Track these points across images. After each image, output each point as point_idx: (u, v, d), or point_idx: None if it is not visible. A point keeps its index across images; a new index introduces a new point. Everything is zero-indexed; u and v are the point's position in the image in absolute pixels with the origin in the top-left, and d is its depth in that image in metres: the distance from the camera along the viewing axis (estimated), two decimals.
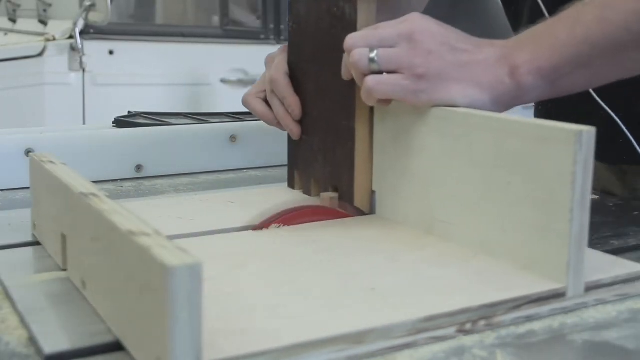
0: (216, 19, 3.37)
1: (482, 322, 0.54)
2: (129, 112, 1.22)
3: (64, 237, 0.62)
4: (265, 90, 0.88)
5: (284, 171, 1.08)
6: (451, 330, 0.52)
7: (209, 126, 1.11)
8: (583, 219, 0.56)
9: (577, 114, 0.95)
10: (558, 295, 0.57)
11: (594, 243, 0.72)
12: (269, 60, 0.88)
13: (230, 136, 1.09)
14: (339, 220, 0.77)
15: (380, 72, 0.67)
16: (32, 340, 0.51)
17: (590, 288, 0.58)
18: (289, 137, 0.87)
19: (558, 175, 0.56)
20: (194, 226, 0.74)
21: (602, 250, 0.69)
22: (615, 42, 0.65)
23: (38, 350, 0.49)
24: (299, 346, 0.47)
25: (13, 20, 3.39)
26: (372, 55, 0.67)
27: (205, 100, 3.21)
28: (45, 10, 3.10)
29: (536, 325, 0.55)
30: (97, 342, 0.50)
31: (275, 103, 0.86)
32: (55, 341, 0.50)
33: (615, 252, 0.70)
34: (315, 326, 0.50)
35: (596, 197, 0.93)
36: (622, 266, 0.62)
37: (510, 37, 0.70)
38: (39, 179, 0.70)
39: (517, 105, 0.68)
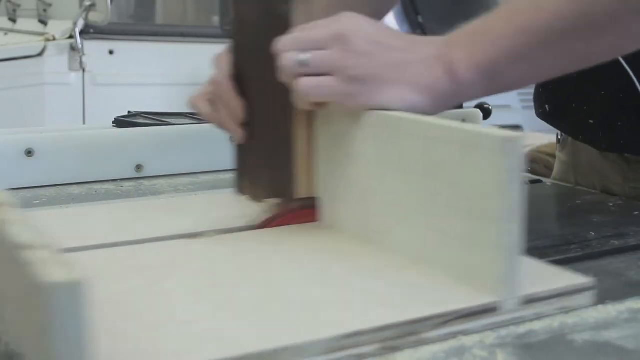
0: (216, 19, 3.37)
1: (408, 339, 0.51)
2: (129, 112, 1.22)
3: None
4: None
5: None
6: (374, 348, 0.50)
7: (209, 126, 1.10)
8: (515, 229, 0.53)
9: (579, 95, 0.95)
10: (491, 309, 0.54)
11: (594, 243, 0.72)
12: (217, 61, 0.86)
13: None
14: (279, 228, 0.74)
15: (312, 75, 0.65)
16: None
17: (527, 301, 0.55)
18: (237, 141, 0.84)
19: (487, 184, 0.53)
20: (126, 234, 0.71)
21: (602, 251, 0.69)
22: (550, 30, 0.63)
23: None
24: None
25: (13, 20, 3.39)
26: (303, 57, 0.64)
27: None
28: (45, 10, 3.10)
29: (536, 325, 0.55)
30: None
31: (219, 106, 0.83)
32: None
33: (615, 252, 0.70)
34: (224, 345, 0.47)
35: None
36: (564, 278, 0.59)
37: None
38: None
39: (457, 103, 0.67)
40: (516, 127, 3.04)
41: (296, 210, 0.75)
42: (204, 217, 0.76)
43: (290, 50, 0.66)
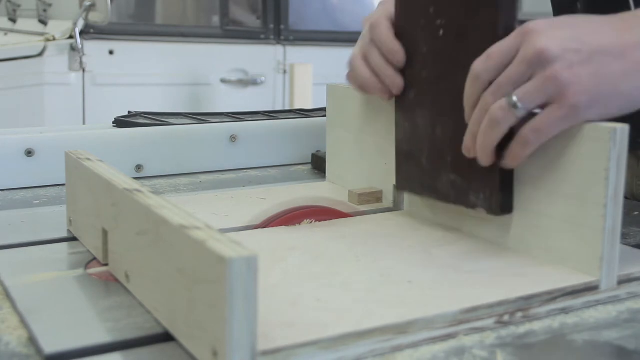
0: (216, 19, 3.37)
1: (519, 314, 0.55)
2: (129, 112, 1.22)
3: (105, 232, 0.63)
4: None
5: (284, 171, 1.08)
6: (490, 322, 0.54)
7: (209, 126, 1.11)
8: (616, 214, 0.58)
9: None
10: (591, 288, 0.58)
11: None
12: (368, 17, 0.77)
13: (230, 136, 1.09)
14: (368, 216, 0.78)
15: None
16: (32, 340, 0.51)
17: (623, 281, 0.60)
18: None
19: (592, 172, 0.58)
20: (230, 222, 0.75)
21: None
22: None
23: (38, 350, 0.49)
24: (346, 336, 0.49)
25: (13, 20, 3.39)
26: (513, 100, 0.58)
27: (205, 100, 3.21)
28: (45, 10, 3.10)
29: (536, 325, 0.55)
30: (95, 342, 0.50)
31: (373, 53, 0.73)
32: (55, 341, 0.50)
33: None
34: (360, 317, 0.52)
35: None
36: None
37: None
38: (77, 175, 0.71)
39: None
40: None
41: (295, 211, 0.75)
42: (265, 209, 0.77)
43: (497, 99, 0.59)
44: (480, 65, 0.60)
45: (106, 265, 0.63)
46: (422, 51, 0.71)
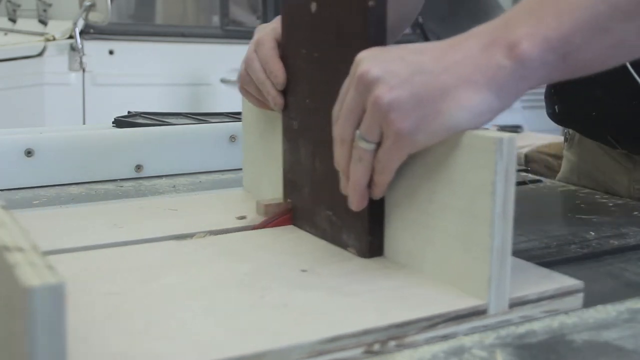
0: (216, 19, 3.37)
1: (392, 343, 0.51)
2: (128, 112, 1.23)
3: None
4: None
5: None
6: (357, 352, 0.49)
7: (209, 126, 1.11)
8: (505, 231, 0.53)
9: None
10: (478, 312, 0.54)
11: (593, 243, 0.72)
12: (260, 29, 0.78)
13: (230, 136, 1.09)
14: (266, 229, 0.73)
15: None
16: None
17: (515, 304, 0.55)
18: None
19: (479, 185, 0.53)
20: (122, 234, 0.71)
21: (602, 251, 0.69)
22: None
23: None
24: None
25: (13, 20, 3.39)
26: (358, 135, 0.57)
27: (205, 100, 3.22)
28: (45, 10, 3.11)
29: (535, 325, 0.55)
30: None
31: (255, 66, 0.74)
32: None
33: (615, 251, 0.70)
34: (205, 348, 0.47)
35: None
36: (553, 280, 0.58)
37: None
38: None
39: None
40: (516, 128, 3.04)
41: (292, 211, 0.75)
42: (200, 218, 0.75)
43: (350, 132, 0.58)
44: (335, 106, 0.60)
45: None
46: (304, 80, 0.71)
